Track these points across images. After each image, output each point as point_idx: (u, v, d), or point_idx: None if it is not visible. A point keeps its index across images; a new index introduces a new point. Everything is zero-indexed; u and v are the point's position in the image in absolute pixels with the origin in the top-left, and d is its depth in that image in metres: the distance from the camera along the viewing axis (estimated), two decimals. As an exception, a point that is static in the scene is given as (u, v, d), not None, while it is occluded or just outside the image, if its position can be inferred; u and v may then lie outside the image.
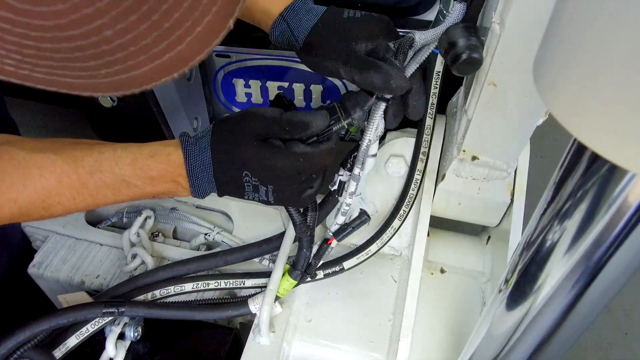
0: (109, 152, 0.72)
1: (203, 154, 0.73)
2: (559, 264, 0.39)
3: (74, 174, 0.69)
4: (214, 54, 1.18)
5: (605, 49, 0.25)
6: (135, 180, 0.72)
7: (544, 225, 0.39)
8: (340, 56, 0.76)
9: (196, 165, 0.73)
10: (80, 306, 0.85)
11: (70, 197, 0.70)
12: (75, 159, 0.70)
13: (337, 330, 0.96)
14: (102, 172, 0.71)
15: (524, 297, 0.44)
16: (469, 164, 0.88)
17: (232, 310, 0.92)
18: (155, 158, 0.73)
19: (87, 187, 0.71)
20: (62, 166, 0.69)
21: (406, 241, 1.05)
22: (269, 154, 0.71)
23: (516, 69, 0.68)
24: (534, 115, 0.75)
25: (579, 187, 0.34)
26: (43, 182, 0.68)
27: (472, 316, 0.98)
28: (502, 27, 0.64)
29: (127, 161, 0.72)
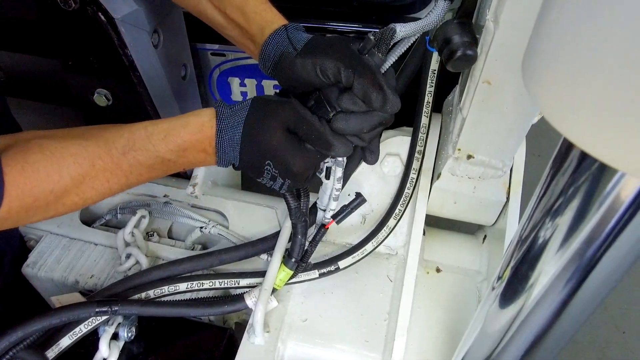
0: (140, 130, 0.72)
1: (234, 130, 0.73)
2: (552, 262, 0.38)
3: (106, 156, 0.70)
4: (209, 52, 1.18)
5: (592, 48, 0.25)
6: (169, 155, 0.73)
7: (536, 223, 0.38)
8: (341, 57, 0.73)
9: (225, 140, 0.74)
10: (72, 306, 0.84)
11: (104, 180, 0.71)
12: (107, 141, 0.70)
13: (332, 330, 0.95)
14: (135, 151, 0.71)
15: (516, 295, 0.43)
16: (465, 163, 0.88)
17: (228, 306, 0.91)
18: (188, 128, 0.73)
19: (120, 168, 0.71)
20: (95, 150, 0.69)
21: (402, 240, 1.04)
22: (293, 150, 0.73)
23: (511, 66, 0.67)
24: (530, 114, 0.74)
25: (569, 185, 0.34)
26: (77, 168, 0.68)
27: (468, 315, 0.98)
28: (496, 24, 0.64)
29: (160, 136, 0.72)
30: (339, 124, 0.73)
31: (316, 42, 0.78)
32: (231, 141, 0.74)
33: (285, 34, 0.80)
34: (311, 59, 0.75)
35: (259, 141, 0.73)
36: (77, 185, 0.69)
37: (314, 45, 0.78)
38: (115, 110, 1.10)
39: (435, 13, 0.71)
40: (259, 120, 0.73)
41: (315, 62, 0.74)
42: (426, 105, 0.97)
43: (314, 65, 0.74)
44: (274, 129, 0.72)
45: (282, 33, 0.80)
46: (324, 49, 0.76)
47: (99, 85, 1.06)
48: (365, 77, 0.70)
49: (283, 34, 0.80)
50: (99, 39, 0.92)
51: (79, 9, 0.88)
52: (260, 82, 1.20)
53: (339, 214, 0.92)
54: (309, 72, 0.75)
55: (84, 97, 1.09)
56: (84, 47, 0.98)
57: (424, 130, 0.98)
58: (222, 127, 0.73)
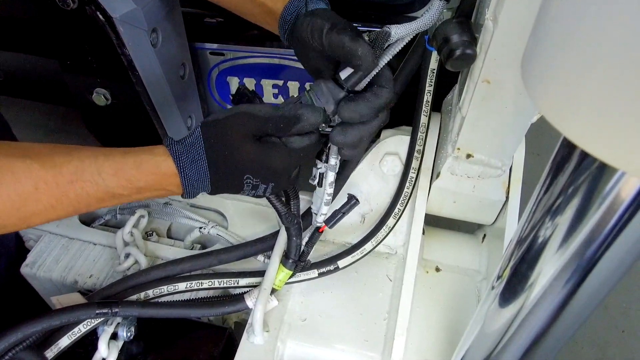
0: (90, 159, 0.68)
1: (198, 163, 0.70)
2: (551, 261, 0.38)
3: (52, 182, 0.65)
4: (207, 51, 1.18)
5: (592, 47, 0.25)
6: (121, 190, 0.69)
7: (536, 222, 0.38)
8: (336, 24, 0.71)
9: (192, 174, 0.70)
10: (73, 307, 0.84)
11: (49, 206, 0.66)
12: (54, 165, 0.65)
13: (332, 329, 0.95)
14: (83, 182, 0.67)
15: (516, 294, 0.43)
16: (464, 162, 0.88)
17: (229, 307, 0.91)
18: (142, 169, 0.69)
19: (67, 196, 0.66)
20: (39, 172, 0.64)
21: (401, 239, 1.04)
22: (269, 155, 0.70)
23: (510, 65, 0.67)
24: (529, 113, 0.74)
25: (569, 184, 0.34)
26: (18, 187, 0.63)
27: (467, 314, 0.98)
28: (495, 23, 0.64)
29: (111, 171, 0.68)
30: (338, 137, 0.72)
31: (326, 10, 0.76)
32: (198, 174, 0.71)
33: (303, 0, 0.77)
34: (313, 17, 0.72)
35: (230, 163, 0.70)
36: (18, 207, 0.64)
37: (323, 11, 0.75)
38: (114, 110, 1.10)
39: (430, 13, 0.71)
40: (220, 143, 0.69)
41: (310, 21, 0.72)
42: (425, 104, 0.97)
43: (308, 23, 0.72)
44: (240, 145, 0.69)
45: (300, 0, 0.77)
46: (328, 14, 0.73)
47: (97, 85, 1.06)
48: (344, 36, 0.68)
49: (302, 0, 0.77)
50: (97, 39, 0.92)
51: (77, 8, 0.88)
52: (260, 81, 1.19)
53: (331, 218, 0.91)
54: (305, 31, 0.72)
55: (82, 97, 1.09)
56: (82, 47, 0.98)
57: (423, 129, 0.98)
58: (182, 164, 0.70)
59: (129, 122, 1.15)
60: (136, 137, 1.19)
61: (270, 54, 1.14)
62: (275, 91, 1.21)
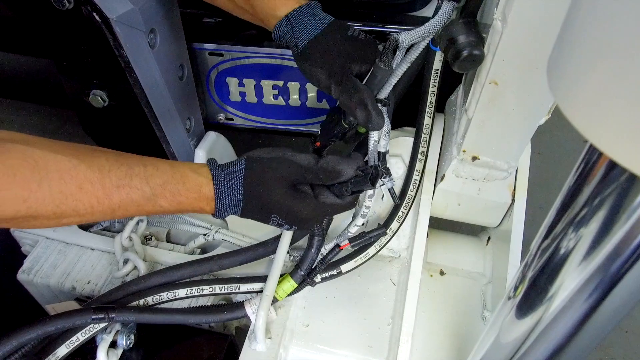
0: (139, 167, 0.70)
1: (234, 192, 0.75)
2: (573, 274, 0.36)
3: (98, 183, 0.66)
4: (206, 52, 1.16)
5: (630, 51, 0.23)
6: (163, 201, 0.72)
7: (557, 233, 0.36)
8: (334, 74, 0.78)
9: (226, 202, 0.75)
10: (68, 313, 0.82)
11: (89, 206, 0.66)
12: (101, 168, 0.67)
13: (335, 335, 0.93)
14: (130, 188, 0.69)
15: (534, 306, 0.41)
16: (469, 164, 0.86)
17: (228, 314, 0.89)
18: (187, 185, 0.73)
19: (110, 199, 0.68)
20: (86, 173, 0.65)
21: (405, 243, 1.03)
22: (299, 203, 0.75)
23: (519, 66, 0.66)
24: (537, 114, 0.73)
25: (595, 195, 0.32)
26: (61, 185, 0.63)
27: (473, 319, 0.96)
28: (504, 23, 0.62)
29: (159, 182, 0.71)
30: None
31: (315, 47, 0.80)
32: (232, 202, 0.75)
33: (288, 25, 0.81)
34: (309, 65, 0.80)
35: (262, 200, 0.75)
36: (57, 203, 0.63)
37: (313, 50, 0.80)
38: (111, 111, 1.07)
39: (440, 15, 0.70)
40: (258, 180, 0.74)
41: (312, 71, 0.80)
42: (429, 105, 0.95)
43: (310, 73, 0.80)
44: (276, 187, 0.74)
45: (285, 25, 0.81)
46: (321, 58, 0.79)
47: (94, 87, 1.04)
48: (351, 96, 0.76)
49: (287, 25, 0.81)
50: (94, 40, 0.90)
51: (73, 8, 0.86)
52: (259, 82, 1.17)
53: (356, 238, 0.90)
54: (308, 76, 0.81)
55: (78, 99, 1.07)
56: (78, 48, 0.96)
57: (427, 130, 0.96)
58: (220, 190, 0.74)
59: (126, 124, 1.13)
60: (133, 139, 1.17)
61: (270, 54, 1.12)
62: (275, 92, 1.19)
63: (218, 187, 0.74)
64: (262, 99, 1.22)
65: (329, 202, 0.75)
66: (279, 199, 0.74)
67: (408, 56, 0.77)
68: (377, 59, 0.76)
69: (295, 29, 0.81)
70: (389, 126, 0.83)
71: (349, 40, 0.81)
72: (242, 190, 0.74)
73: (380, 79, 0.78)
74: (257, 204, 0.75)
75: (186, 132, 1.15)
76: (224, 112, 1.27)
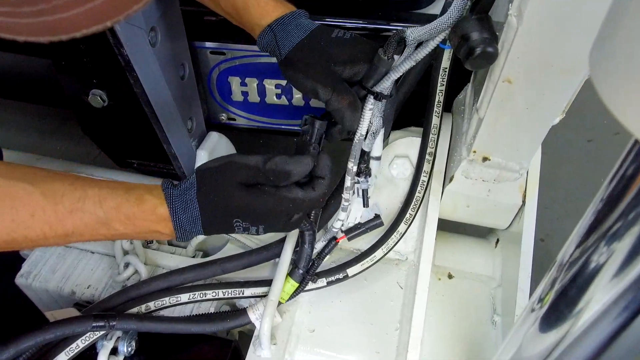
0: (94, 190, 0.68)
1: (190, 207, 0.72)
2: (604, 289, 0.34)
3: (51, 210, 0.65)
4: (208, 50, 1.13)
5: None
6: (117, 225, 0.70)
7: (589, 245, 0.34)
8: (320, 77, 0.76)
9: (183, 220, 0.72)
10: (67, 320, 0.80)
11: (41, 233, 0.65)
12: (55, 193, 0.65)
13: (341, 341, 0.91)
14: (83, 212, 0.67)
15: (561, 320, 0.39)
16: (480, 165, 0.84)
17: (231, 321, 0.87)
18: (142, 207, 0.71)
19: (63, 225, 0.66)
20: (39, 200, 0.64)
21: (412, 245, 1.00)
22: (256, 200, 0.71)
23: (534, 64, 0.63)
24: (551, 114, 0.70)
25: (632, 207, 0.30)
26: (13, 214, 0.63)
27: (482, 324, 0.94)
28: (519, 19, 0.60)
29: (113, 204, 0.69)
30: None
31: (297, 53, 0.79)
32: (190, 219, 0.73)
33: (272, 34, 0.80)
34: (292, 72, 0.78)
35: (220, 208, 0.72)
36: (8, 232, 0.63)
37: (295, 57, 0.79)
38: (111, 112, 1.05)
39: (450, 12, 0.67)
40: (211, 189, 0.72)
41: (295, 78, 0.78)
42: (437, 104, 0.92)
43: (295, 80, 0.78)
44: (230, 191, 0.71)
45: (268, 34, 0.80)
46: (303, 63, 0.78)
47: (93, 86, 1.01)
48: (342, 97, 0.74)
49: (270, 35, 0.80)
50: (93, 38, 0.87)
51: (72, 6, 0.83)
52: (262, 81, 1.15)
53: (352, 230, 0.89)
54: (294, 84, 0.79)
55: (77, 98, 1.04)
56: (77, 47, 0.93)
57: (435, 130, 0.94)
58: (175, 208, 0.72)
59: (126, 125, 1.11)
60: (133, 140, 1.15)
61: (273, 52, 1.10)
62: (278, 91, 1.17)
63: (172, 206, 0.71)
64: (264, 99, 1.19)
65: (290, 197, 0.72)
66: (236, 202, 0.71)
67: (415, 54, 0.74)
68: (380, 49, 0.74)
69: (278, 38, 0.79)
70: (379, 125, 0.80)
71: (333, 41, 0.79)
72: (198, 204, 0.72)
73: (381, 71, 0.76)
74: (215, 214, 0.73)
75: (187, 133, 1.13)
76: (226, 112, 1.25)
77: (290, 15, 0.80)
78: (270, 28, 0.79)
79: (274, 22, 0.79)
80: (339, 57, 0.77)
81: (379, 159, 0.85)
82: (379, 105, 0.78)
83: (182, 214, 0.72)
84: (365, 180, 0.84)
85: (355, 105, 0.76)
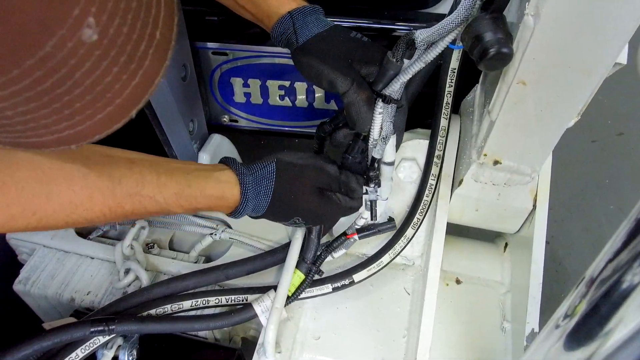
0: (152, 175, 0.68)
1: (261, 198, 0.74)
2: (637, 311, 0.32)
3: (109, 193, 0.65)
4: (210, 51, 1.11)
5: None
6: (177, 209, 0.71)
7: (621, 264, 0.32)
8: (339, 66, 0.74)
9: (249, 207, 0.75)
10: (65, 326, 0.77)
11: (101, 214, 0.66)
12: (111, 177, 0.65)
13: (347, 348, 0.89)
14: (142, 197, 0.67)
15: (589, 339, 0.37)
16: (490, 169, 0.82)
17: (236, 316, 0.84)
18: (205, 193, 0.72)
19: (122, 207, 0.67)
20: (96, 182, 0.64)
21: (419, 250, 0.98)
22: (327, 207, 0.78)
23: (551, 65, 0.61)
24: (567, 116, 0.68)
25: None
26: (71, 195, 0.62)
27: (492, 330, 0.92)
28: (536, 19, 0.57)
29: (173, 190, 0.69)
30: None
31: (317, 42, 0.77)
32: (256, 207, 0.75)
33: (290, 21, 0.78)
34: (308, 59, 0.76)
35: (289, 206, 0.76)
36: (68, 213, 0.63)
37: (314, 45, 0.77)
38: (111, 113, 1.03)
39: (458, 11, 0.64)
40: (289, 187, 0.75)
41: (312, 65, 0.75)
42: (445, 106, 0.90)
43: (309, 66, 0.75)
44: (306, 194, 0.76)
45: (287, 21, 0.78)
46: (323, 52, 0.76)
47: (93, 88, 0.99)
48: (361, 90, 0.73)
49: (288, 21, 0.78)
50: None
51: (71, 5, 0.81)
52: (265, 82, 1.13)
53: (364, 229, 0.87)
54: (307, 70, 0.76)
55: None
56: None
57: (443, 133, 0.91)
58: (247, 196, 0.74)
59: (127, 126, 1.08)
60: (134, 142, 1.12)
61: (277, 53, 1.08)
62: (281, 92, 1.14)
63: (245, 194, 0.73)
64: (267, 100, 1.17)
65: (349, 205, 0.80)
66: (307, 205, 0.76)
67: (425, 56, 0.71)
68: (389, 52, 0.72)
69: (296, 26, 0.78)
70: (390, 130, 0.78)
71: (352, 40, 0.78)
72: (271, 196, 0.74)
73: (390, 74, 0.74)
74: (282, 209, 0.76)
75: (189, 135, 1.10)
76: (228, 113, 1.23)
77: (311, 8, 0.79)
78: (290, 15, 0.78)
79: (294, 10, 0.78)
80: (357, 53, 0.76)
81: (392, 164, 0.83)
82: (388, 110, 0.76)
83: (250, 202, 0.74)
84: (374, 190, 0.82)
85: (372, 101, 0.74)
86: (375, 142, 0.79)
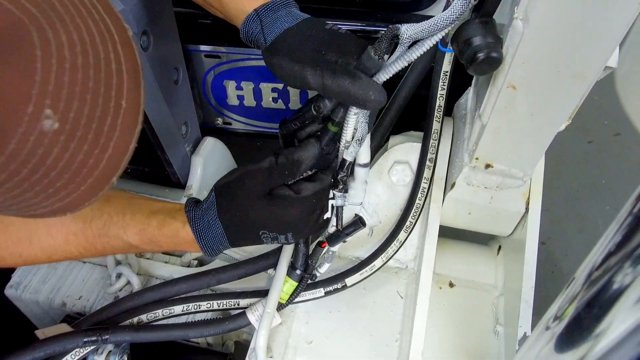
0: (118, 216, 0.72)
1: (213, 228, 0.72)
2: (628, 313, 0.32)
3: (81, 235, 0.70)
4: (202, 54, 1.11)
5: None
6: (143, 246, 0.74)
7: (611, 266, 0.32)
8: (308, 61, 0.66)
9: (209, 240, 0.73)
10: (58, 336, 0.77)
11: (78, 253, 0.72)
12: (84, 219, 0.70)
13: (340, 352, 0.89)
14: (109, 237, 0.71)
15: (579, 341, 0.37)
16: (482, 172, 0.81)
17: (230, 324, 0.84)
18: (163, 231, 0.72)
19: (94, 246, 0.71)
20: (70, 225, 0.69)
21: (412, 253, 0.98)
22: (281, 208, 0.70)
23: (540, 69, 0.61)
24: (558, 120, 0.68)
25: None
26: (50, 240, 0.68)
27: (484, 334, 0.92)
28: (525, 23, 0.57)
29: (135, 230, 0.72)
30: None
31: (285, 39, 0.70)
32: (215, 238, 0.73)
33: (257, 20, 0.72)
34: (277, 59, 0.69)
35: (244, 223, 0.72)
36: (48, 255, 0.69)
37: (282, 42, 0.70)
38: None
39: (450, 10, 0.63)
40: (232, 206, 0.71)
41: (281, 65, 0.68)
42: (437, 109, 0.90)
43: (280, 67, 0.69)
44: (251, 204, 0.70)
45: (254, 19, 0.72)
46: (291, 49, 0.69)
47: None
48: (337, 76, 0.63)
49: (255, 20, 0.72)
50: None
51: (60, 9, 0.81)
52: (258, 85, 1.12)
53: (333, 237, 0.84)
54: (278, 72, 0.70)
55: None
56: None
57: (436, 136, 0.91)
58: (199, 230, 0.72)
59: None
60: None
61: (269, 56, 1.07)
62: (274, 95, 1.14)
63: (195, 228, 0.72)
64: (261, 102, 1.17)
65: (311, 193, 0.71)
66: (260, 214, 0.70)
67: (408, 54, 0.65)
68: (370, 47, 0.65)
69: (264, 24, 0.71)
70: (365, 131, 0.72)
71: (326, 32, 0.70)
72: (221, 223, 0.71)
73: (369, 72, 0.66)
74: (240, 229, 0.72)
75: (182, 138, 1.10)
76: (222, 116, 1.22)
77: (281, 2, 0.73)
78: (256, 12, 0.71)
79: (260, 7, 0.72)
80: (330, 44, 0.68)
81: (366, 166, 0.79)
82: (364, 111, 0.70)
83: (206, 235, 0.72)
84: (342, 195, 0.77)
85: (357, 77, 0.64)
86: (348, 144, 0.73)
